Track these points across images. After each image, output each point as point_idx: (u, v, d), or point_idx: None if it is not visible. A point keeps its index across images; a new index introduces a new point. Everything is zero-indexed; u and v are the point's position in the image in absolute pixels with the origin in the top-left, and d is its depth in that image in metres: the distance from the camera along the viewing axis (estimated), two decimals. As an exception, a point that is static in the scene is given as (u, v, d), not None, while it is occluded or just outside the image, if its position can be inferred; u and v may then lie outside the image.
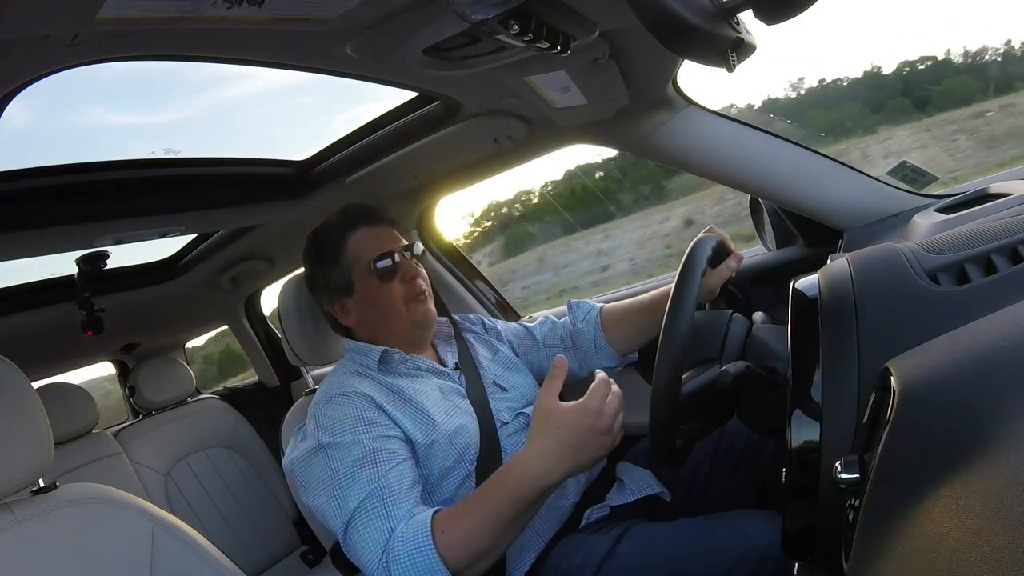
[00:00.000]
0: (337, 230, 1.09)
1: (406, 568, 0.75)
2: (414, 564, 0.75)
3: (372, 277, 1.05)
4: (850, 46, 4.42)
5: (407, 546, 0.76)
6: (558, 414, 0.76)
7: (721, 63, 0.57)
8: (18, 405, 0.77)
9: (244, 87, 1.10)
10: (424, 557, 0.75)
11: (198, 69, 0.84)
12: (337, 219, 1.10)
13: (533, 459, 0.77)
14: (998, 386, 0.35)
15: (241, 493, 2.00)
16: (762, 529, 0.81)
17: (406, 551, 0.76)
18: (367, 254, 1.05)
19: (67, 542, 0.78)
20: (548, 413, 0.77)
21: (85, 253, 1.36)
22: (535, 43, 0.71)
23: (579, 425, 0.75)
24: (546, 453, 0.76)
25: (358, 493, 0.83)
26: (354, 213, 1.11)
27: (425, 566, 0.75)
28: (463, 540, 0.76)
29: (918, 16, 4.43)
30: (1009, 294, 0.46)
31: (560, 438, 0.75)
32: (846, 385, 0.50)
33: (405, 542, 0.77)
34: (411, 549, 0.76)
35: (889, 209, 1.16)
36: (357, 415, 0.91)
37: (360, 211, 1.11)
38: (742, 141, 1.19)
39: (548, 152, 1.38)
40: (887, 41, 4.02)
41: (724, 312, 0.90)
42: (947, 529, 0.30)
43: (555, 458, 0.75)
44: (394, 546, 0.77)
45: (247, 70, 0.85)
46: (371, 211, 1.12)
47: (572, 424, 0.75)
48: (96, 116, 1.58)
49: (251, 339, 2.21)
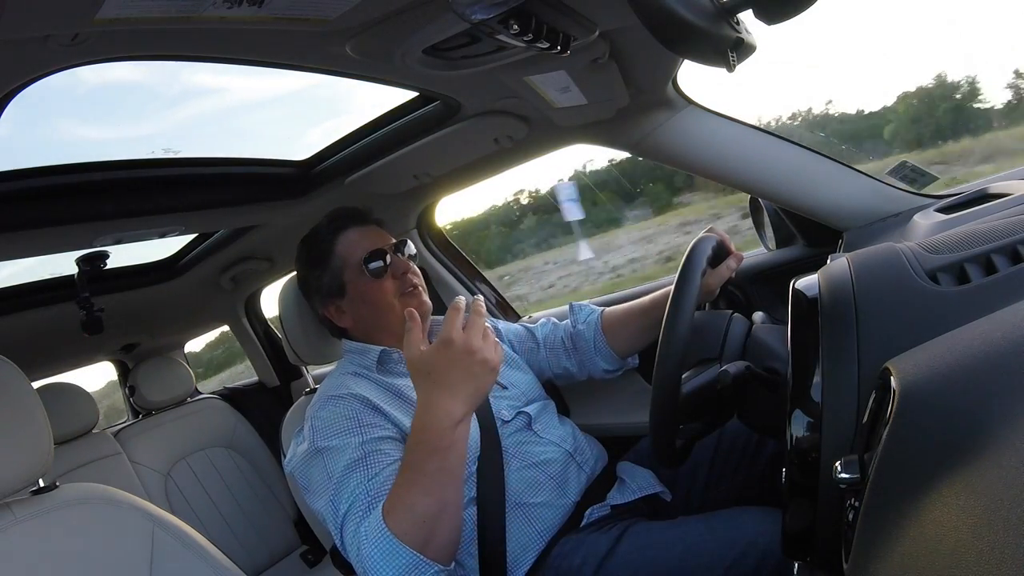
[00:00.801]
0: (326, 233, 1.10)
1: (373, 559, 0.76)
2: (378, 552, 0.76)
3: (363, 276, 1.06)
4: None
5: (369, 537, 0.77)
6: (426, 360, 0.77)
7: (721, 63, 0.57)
8: (18, 405, 0.77)
9: (216, 102, 1.09)
10: (384, 542, 0.76)
11: (172, 84, 0.84)
12: (325, 223, 1.12)
13: (427, 409, 0.77)
14: (998, 386, 0.35)
15: (241, 493, 2.00)
16: (762, 528, 0.81)
17: (369, 543, 0.77)
18: (357, 254, 1.07)
19: (67, 542, 0.78)
20: (417, 362, 0.78)
21: (85, 253, 1.36)
22: (535, 43, 0.71)
23: (450, 360, 0.76)
24: (435, 399, 0.77)
25: (349, 496, 0.83)
26: (341, 215, 1.13)
27: (387, 550, 0.75)
28: (407, 511, 0.76)
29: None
30: (1009, 294, 0.46)
31: (439, 381, 0.77)
32: (846, 385, 0.50)
33: (367, 536, 0.77)
34: (373, 539, 0.77)
35: (889, 209, 1.16)
36: (352, 417, 0.91)
37: (347, 213, 1.13)
38: (742, 141, 1.19)
39: (548, 152, 1.38)
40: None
41: (724, 312, 0.90)
42: (947, 529, 0.30)
43: (446, 398, 0.76)
44: (361, 541, 0.78)
45: (223, 81, 0.86)
46: (358, 212, 1.14)
47: (443, 363, 0.76)
48: (68, 129, 1.58)
49: (251, 339, 2.21)
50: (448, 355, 0.76)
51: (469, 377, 0.76)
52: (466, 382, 0.76)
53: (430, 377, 0.77)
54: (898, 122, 2.82)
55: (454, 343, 0.75)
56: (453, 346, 0.75)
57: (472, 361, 0.76)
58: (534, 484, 0.98)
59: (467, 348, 0.75)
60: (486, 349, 0.76)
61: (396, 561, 0.75)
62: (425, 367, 0.78)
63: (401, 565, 0.75)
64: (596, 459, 1.09)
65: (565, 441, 1.06)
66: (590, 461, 1.07)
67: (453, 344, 0.75)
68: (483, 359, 0.76)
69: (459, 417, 0.76)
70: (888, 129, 2.83)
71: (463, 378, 0.76)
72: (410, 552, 0.75)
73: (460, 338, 0.75)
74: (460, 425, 0.77)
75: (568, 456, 1.04)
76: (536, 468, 1.00)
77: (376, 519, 0.78)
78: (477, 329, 0.76)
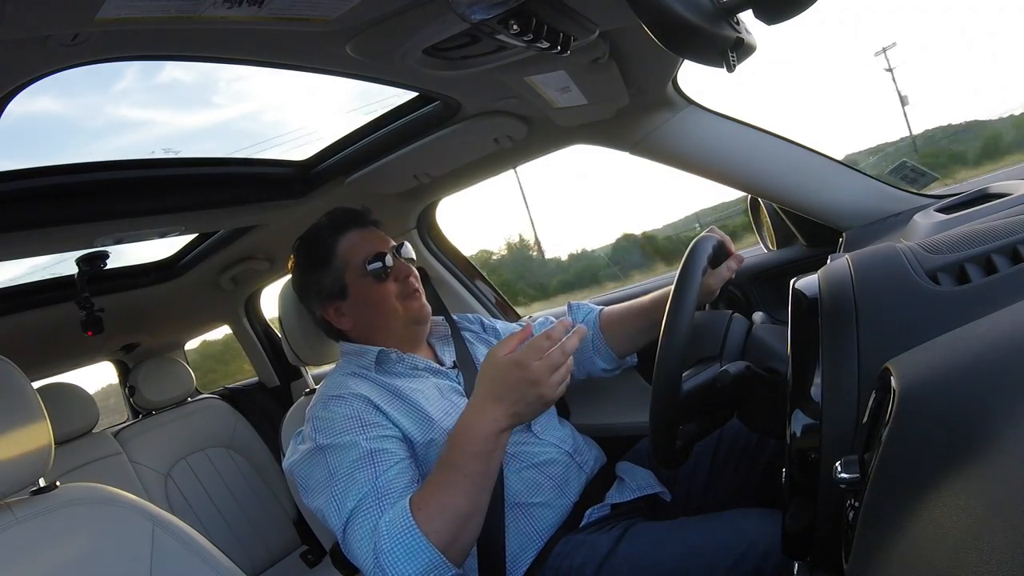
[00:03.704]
0: (326, 235, 1.09)
1: (394, 555, 0.75)
2: (401, 548, 0.75)
3: (366, 278, 1.06)
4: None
5: (391, 533, 0.77)
6: (492, 366, 0.80)
7: (721, 63, 0.57)
8: (18, 405, 0.77)
9: (142, 135, 1.08)
10: (409, 538, 0.76)
11: (96, 117, 0.83)
12: (325, 224, 1.11)
13: (476, 412, 0.80)
14: (998, 386, 0.35)
15: (241, 493, 2.00)
16: (762, 528, 0.81)
17: (391, 538, 0.76)
18: (359, 256, 1.06)
19: (67, 542, 0.78)
20: (492, 362, 0.80)
21: (85, 253, 1.36)
22: (535, 43, 0.71)
23: (509, 376, 0.78)
24: (486, 404, 0.79)
25: (356, 493, 0.83)
26: (341, 217, 1.12)
27: (411, 547, 0.75)
28: (440, 510, 0.77)
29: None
30: (1009, 294, 0.46)
31: (491, 389, 0.79)
32: (846, 385, 0.50)
33: (389, 529, 0.77)
34: (396, 534, 0.76)
35: (889, 209, 1.16)
36: (354, 416, 0.91)
37: (347, 214, 1.12)
38: (742, 141, 1.19)
39: (548, 152, 1.38)
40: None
41: (724, 312, 0.90)
42: (947, 529, 0.30)
43: (495, 407, 0.78)
44: (380, 537, 0.77)
45: (148, 115, 0.85)
46: (358, 214, 1.13)
47: (502, 376, 0.78)
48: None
49: (251, 339, 2.21)
50: (513, 374, 0.78)
51: (521, 401, 0.78)
52: (516, 403, 0.78)
53: (492, 381, 0.80)
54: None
55: (526, 368, 0.77)
56: (524, 370, 0.77)
57: (531, 391, 0.77)
58: (534, 484, 0.98)
59: (535, 379, 0.77)
60: (548, 385, 0.77)
61: (419, 559, 0.75)
62: (489, 372, 0.80)
63: (423, 564, 0.75)
64: (595, 460, 1.09)
65: (564, 442, 1.06)
66: (589, 462, 1.07)
67: (525, 368, 0.77)
68: (540, 394, 0.77)
69: (502, 426, 0.78)
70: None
71: (515, 399, 0.78)
72: (434, 551, 0.75)
73: (533, 366, 0.77)
74: (503, 433, 0.79)
75: (568, 457, 1.04)
76: (536, 469, 1.00)
77: (402, 515, 0.78)
78: (549, 365, 0.77)
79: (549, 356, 0.77)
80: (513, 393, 0.77)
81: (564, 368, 0.78)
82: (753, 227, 1.47)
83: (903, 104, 15.25)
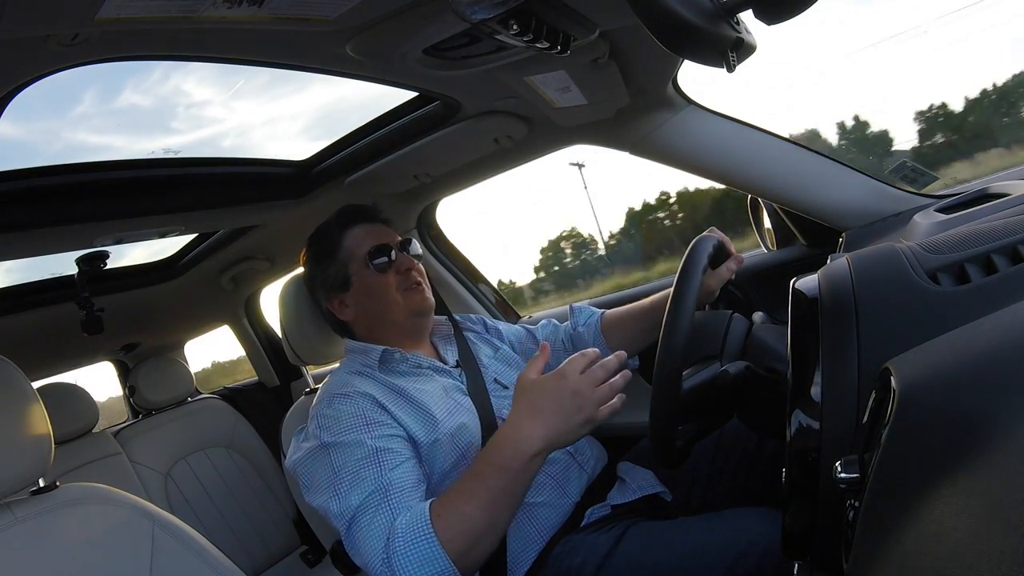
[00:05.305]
0: (334, 228, 1.13)
1: (407, 559, 0.75)
2: (415, 553, 0.75)
3: (368, 269, 1.08)
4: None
5: (407, 536, 0.76)
6: (534, 384, 0.80)
7: (721, 63, 0.57)
8: (18, 405, 0.77)
9: (102, 159, 1.10)
10: (424, 544, 0.75)
11: (53, 142, 0.84)
12: (334, 219, 1.14)
13: (513, 427, 0.79)
14: (998, 386, 0.35)
15: (241, 493, 2.00)
16: (762, 527, 0.81)
17: (406, 541, 0.76)
18: (363, 248, 1.09)
19: (67, 542, 0.78)
20: (526, 384, 0.81)
21: (85, 253, 1.36)
22: (535, 43, 0.71)
23: (553, 392, 0.77)
24: (524, 420, 0.78)
25: (361, 491, 0.83)
26: (350, 212, 1.15)
27: (425, 554, 0.75)
28: (459, 520, 0.76)
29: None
30: (1009, 294, 0.46)
31: (536, 406, 0.78)
32: (846, 385, 0.50)
33: (405, 533, 0.77)
34: (411, 538, 0.76)
35: (889, 209, 1.16)
36: (359, 415, 0.91)
37: (356, 210, 1.15)
38: (742, 141, 1.19)
39: (548, 152, 1.38)
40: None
41: (724, 312, 0.90)
42: (947, 529, 0.30)
43: (533, 425, 0.77)
44: (394, 538, 0.77)
45: (105, 140, 0.85)
46: (367, 210, 1.16)
47: (546, 392, 0.78)
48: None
49: (251, 339, 2.21)
50: (557, 385, 0.77)
51: (565, 417, 0.77)
52: (559, 420, 0.77)
53: (532, 401, 0.79)
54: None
55: (567, 378, 0.77)
56: (565, 380, 0.77)
57: (576, 408, 0.77)
58: (535, 484, 0.97)
59: (576, 389, 0.76)
60: (590, 400, 0.77)
61: (432, 566, 0.74)
62: (532, 390, 0.80)
63: (434, 572, 0.75)
64: (596, 459, 1.09)
65: (565, 441, 1.06)
66: (590, 461, 1.07)
67: (566, 379, 0.77)
68: (580, 406, 0.76)
69: (539, 448, 0.77)
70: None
71: (555, 411, 0.77)
72: (447, 561, 0.75)
73: (575, 378, 0.77)
74: (535, 458, 0.77)
75: (569, 456, 1.04)
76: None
77: (420, 519, 0.77)
78: (593, 378, 0.77)
79: (591, 371, 0.77)
80: (552, 403, 0.77)
81: (607, 387, 0.78)
82: (753, 227, 1.47)
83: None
